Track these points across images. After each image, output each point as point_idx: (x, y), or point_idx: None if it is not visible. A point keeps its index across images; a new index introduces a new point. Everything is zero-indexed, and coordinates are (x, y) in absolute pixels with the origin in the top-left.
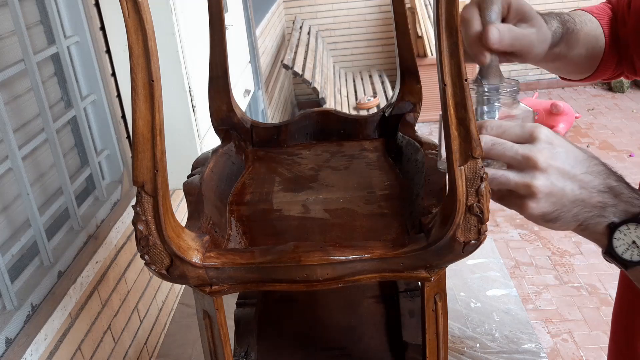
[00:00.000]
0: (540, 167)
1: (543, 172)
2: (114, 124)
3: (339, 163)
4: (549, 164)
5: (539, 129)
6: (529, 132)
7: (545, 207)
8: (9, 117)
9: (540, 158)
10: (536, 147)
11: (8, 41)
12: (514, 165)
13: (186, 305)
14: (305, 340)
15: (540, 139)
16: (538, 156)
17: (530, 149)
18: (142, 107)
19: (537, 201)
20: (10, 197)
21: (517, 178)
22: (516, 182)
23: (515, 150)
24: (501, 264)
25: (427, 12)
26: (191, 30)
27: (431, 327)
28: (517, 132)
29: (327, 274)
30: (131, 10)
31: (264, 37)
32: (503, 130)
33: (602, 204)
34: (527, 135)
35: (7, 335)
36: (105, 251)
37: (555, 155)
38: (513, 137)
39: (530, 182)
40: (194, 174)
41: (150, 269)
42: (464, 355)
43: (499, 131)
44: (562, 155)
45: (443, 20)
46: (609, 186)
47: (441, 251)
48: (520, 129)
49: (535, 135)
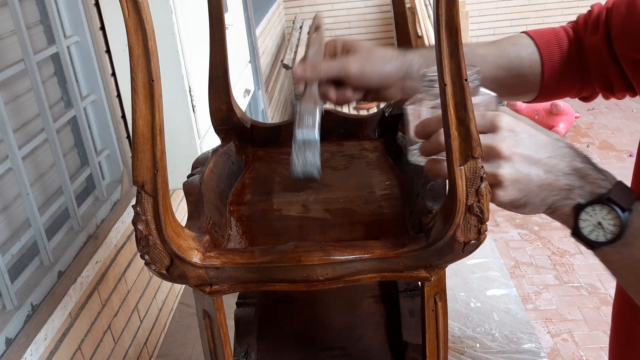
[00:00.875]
0: (504, 156)
1: (507, 160)
2: (114, 124)
3: (339, 163)
4: (513, 152)
5: (500, 117)
6: (489, 121)
7: (512, 195)
8: (9, 117)
9: (502, 147)
10: (498, 135)
11: (8, 41)
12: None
13: (186, 305)
14: (305, 340)
15: (502, 127)
16: (501, 145)
17: (493, 139)
18: (142, 107)
19: (504, 189)
20: (10, 197)
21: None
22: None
23: None
24: (501, 263)
25: (427, 12)
26: (191, 30)
27: (431, 327)
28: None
29: (327, 274)
30: (131, 10)
31: (264, 37)
32: None
33: (568, 187)
34: (488, 124)
35: (7, 335)
36: (105, 251)
37: (518, 142)
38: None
39: (495, 172)
40: (194, 174)
41: (150, 268)
42: (464, 355)
43: None
44: (525, 141)
45: (443, 20)
46: (574, 168)
47: (441, 251)
48: (481, 118)
49: (496, 123)
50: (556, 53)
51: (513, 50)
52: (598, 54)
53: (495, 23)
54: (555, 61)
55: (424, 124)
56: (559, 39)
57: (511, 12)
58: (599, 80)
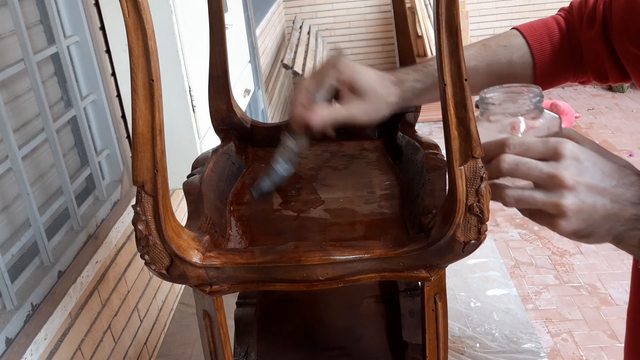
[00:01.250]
0: (568, 185)
1: (571, 190)
2: (114, 124)
3: (339, 163)
4: (577, 181)
5: (563, 145)
6: (552, 149)
7: (576, 225)
8: (9, 116)
9: (566, 175)
10: (562, 164)
11: (8, 41)
12: (540, 184)
13: (186, 305)
14: (305, 340)
15: (565, 155)
16: (564, 174)
17: (556, 167)
18: (142, 107)
19: (568, 219)
20: (10, 197)
21: (544, 198)
22: (544, 202)
23: (540, 169)
24: (501, 263)
25: (427, 12)
26: (191, 30)
27: (431, 327)
28: (540, 150)
29: (327, 274)
30: (131, 10)
31: (263, 36)
32: (526, 147)
33: (636, 217)
34: (551, 151)
35: (7, 335)
36: (105, 251)
37: (582, 171)
38: (537, 154)
39: (559, 202)
40: (194, 174)
41: (150, 268)
42: (464, 355)
43: (521, 149)
44: (590, 170)
45: (443, 20)
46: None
47: (441, 251)
48: (543, 145)
49: (560, 151)
50: (547, 49)
51: (504, 54)
52: (594, 49)
53: (495, 23)
54: (546, 57)
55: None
56: (551, 33)
57: (511, 12)
58: (593, 72)
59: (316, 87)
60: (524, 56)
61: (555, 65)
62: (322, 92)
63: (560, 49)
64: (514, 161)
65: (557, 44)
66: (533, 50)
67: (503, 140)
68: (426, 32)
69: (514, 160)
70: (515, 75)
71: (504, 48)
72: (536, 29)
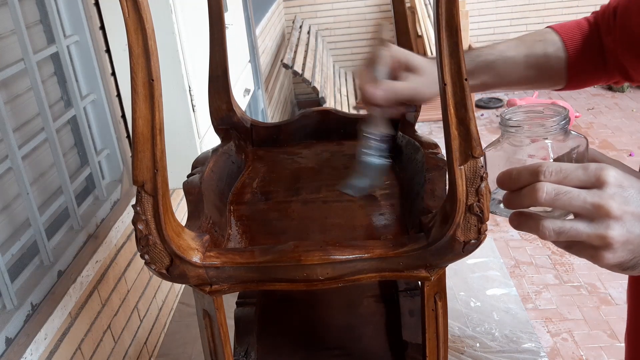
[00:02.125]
0: (614, 216)
1: (617, 221)
2: (114, 124)
3: (339, 162)
4: (623, 211)
5: (606, 172)
6: (594, 176)
7: (622, 257)
8: (9, 116)
9: (612, 205)
10: (606, 192)
11: (8, 40)
12: (582, 215)
13: (186, 305)
14: (305, 340)
15: (609, 182)
16: (610, 203)
17: (600, 196)
18: (142, 106)
19: (614, 251)
20: (10, 196)
21: (589, 230)
22: (588, 234)
23: (583, 198)
24: (501, 263)
25: (427, 12)
26: (191, 30)
27: (431, 327)
28: (580, 177)
29: (327, 274)
30: (131, 9)
31: (263, 36)
32: (565, 175)
33: None
34: (593, 179)
35: (7, 334)
36: (105, 251)
37: (628, 200)
38: (577, 182)
39: (605, 233)
40: (194, 174)
41: (150, 268)
42: (463, 354)
43: (559, 176)
44: (636, 198)
45: (443, 20)
46: None
47: (441, 250)
48: (583, 172)
49: (603, 178)
50: (579, 46)
51: (540, 47)
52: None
53: (495, 23)
54: (578, 54)
55: (512, 176)
56: (583, 32)
57: (511, 12)
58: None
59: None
60: (558, 50)
61: (586, 62)
62: (382, 70)
63: (590, 47)
64: (553, 190)
65: (588, 43)
66: (567, 45)
67: (537, 167)
68: (426, 32)
69: (553, 189)
70: (550, 68)
71: (539, 42)
72: (569, 27)
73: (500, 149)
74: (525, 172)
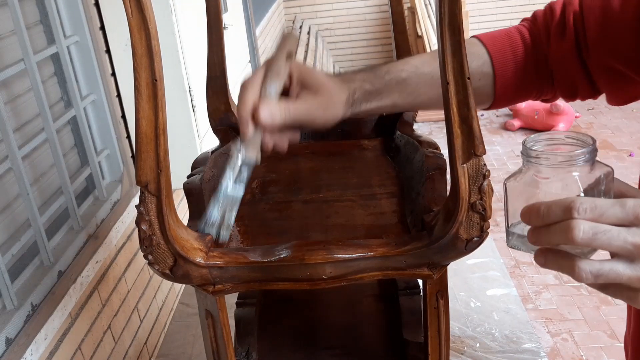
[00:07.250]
0: None
1: None
2: (114, 124)
3: (339, 162)
4: None
5: None
6: (633, 214)
7: None
8: (9, 116)
9: None
10: None
11: (8, 41)
12: (622, 255)
13: (186, 305)
14: (305, 339)
15: None
16: None
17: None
18: (145, 106)
19: None
20: (10, 197)
21: (630, 272)
22: (629, 276)
23: (623, 238)
24: (501, 263)
25: (427, 12)
26: (191, 30)
27: (433, 325)
28: (618, 215)
29: (330, 273)
30: (134, 9)
31: (263, 37)
32: (600, 212)
33: None
34: (631, 217)
35: (7, 335)
36: (105, 251)
37: None
38: (614, 220)
39: None
40: (194, 174)
41: (153, 268)
42: (464, 354)
43: (595, 214)
44: None
45: (446, 18)
46: None
47: (444, 249)
48: (621, 209)
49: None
50: (510, 61)
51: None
52: (564, 62)
53: (495, 23)
54: (508, 70)
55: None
56: (514, 45)
57: (511, 12)
58: (562, 87)
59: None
60: (484, 66)
61: (518, 79)
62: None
63: (524, 63)
64: (590, 230)
65: (521, 57)
66: (494, 61)
67: (569, 203)
68: (426, 32)
69: (590, 228)
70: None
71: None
72: (498, 38)
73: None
74: (556, 208)
